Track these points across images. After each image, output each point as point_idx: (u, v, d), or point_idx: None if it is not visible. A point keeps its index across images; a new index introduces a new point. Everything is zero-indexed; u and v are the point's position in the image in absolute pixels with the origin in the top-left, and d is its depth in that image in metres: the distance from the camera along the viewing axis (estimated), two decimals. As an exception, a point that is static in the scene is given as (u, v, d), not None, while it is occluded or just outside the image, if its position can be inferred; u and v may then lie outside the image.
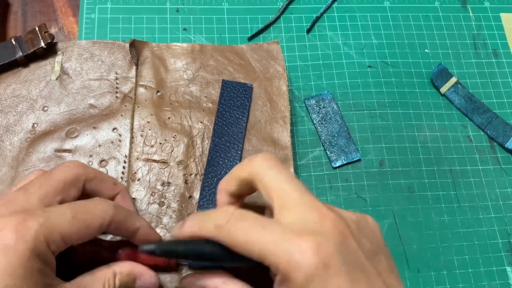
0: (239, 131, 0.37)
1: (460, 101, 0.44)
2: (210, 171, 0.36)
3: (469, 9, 0.48)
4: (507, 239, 0.39)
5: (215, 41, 0.44)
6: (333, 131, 0.41)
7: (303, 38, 0.45)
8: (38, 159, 0.36)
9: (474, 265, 0.38)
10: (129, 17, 0.44)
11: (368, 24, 0.46)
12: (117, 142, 0.37)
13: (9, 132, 0.37)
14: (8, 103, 0.38)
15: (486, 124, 0.43)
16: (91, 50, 0.40)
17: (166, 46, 0.41)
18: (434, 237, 0.39)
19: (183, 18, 0.45)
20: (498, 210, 0.40)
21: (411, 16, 0.47)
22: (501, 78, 0.46)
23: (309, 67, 0.44)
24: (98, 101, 0.38)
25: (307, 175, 0.40)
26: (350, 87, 0.43)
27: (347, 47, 0.45)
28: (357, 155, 0.41)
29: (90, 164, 0.36)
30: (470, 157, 0.42)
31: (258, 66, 0.40)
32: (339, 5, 0.47)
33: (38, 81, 0.38)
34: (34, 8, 0.44)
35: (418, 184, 0.40)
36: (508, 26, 0.48)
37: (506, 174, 0.42)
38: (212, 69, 0.40)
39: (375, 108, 0.43)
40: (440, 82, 0.44)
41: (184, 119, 0.38)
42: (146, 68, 0.39)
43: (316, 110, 0.42)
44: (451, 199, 0.40)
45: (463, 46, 0.47)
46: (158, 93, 0.39)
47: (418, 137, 0.42)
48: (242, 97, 0.38)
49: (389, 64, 0.45)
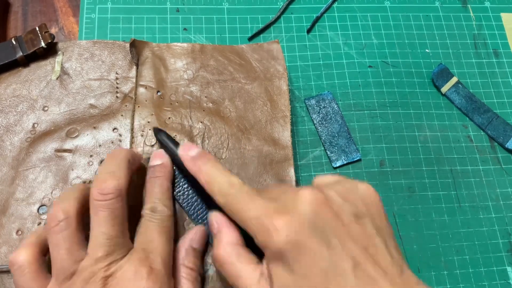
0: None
1: (461, 101, 0.44)
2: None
3: (470, 9, 0.48)
4: (507, 239, 0.39)
5: (215, 41, 0.44)
6: (333, 131, 0.41)
7: (304, 38, 0.45)
8: (39, 159, 0.36)
9: (475, 265, 0.38)
10: (129, 17, 0.44)
11: (369, 24, 0.46)
12: (118, 142, 0.37)
13: (9, 132, 0.37)
14: (9, 103, 0.38)
15: (487, 124, 0.43)
16: (91, 50, 0.40)
17: (166, 46, 0.41)
18: (434, 237, 0.39)
19: (184, 18, 0.45)
20: (499, 210, 0.40)
21: (411, 16, 0.47)
22: (502, 78, 0.46)
23: (309, 67, 0.44)
24: (98, 101, 0.38)
25: (308, 175, 0.40)
26: (350, 87, 0.43)
27: (347, 47, 0.45)
28: (357, 155, 0.40)
29: (90, 164, 0.36)
30: (471, 157, 0.42)
31: (259, 66, 0.40)
32: (340, 5, 0.47)
33: (39, 81, 0.38)
34: (35, 8, 0.44)
35: (418, 184, 0.40)
36: (509, 26, 0.48)
37: (506, 174, 0.42)
38: (213, 69, 0.40)
39: (376, 108, 0.43)
40: (440, 82, 0.44)
41: (185, 119, 0.38)
42: (147, 68, 0.39)
43: (316, 110, 0.42)
44: (452, 199, 0.40)
45: (464, 46, 0.47)
46: (158, 93, 0.39)
47: (419, 137, 0.42)
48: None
49: (389, 64, 0.45)
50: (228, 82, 0.40)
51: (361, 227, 0.26)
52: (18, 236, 0.33)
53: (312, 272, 0.24)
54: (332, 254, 0.24)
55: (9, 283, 0.32)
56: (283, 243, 0.25)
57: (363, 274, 0.24)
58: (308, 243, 0.25)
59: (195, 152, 0.32)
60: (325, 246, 0.25)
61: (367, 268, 0.24)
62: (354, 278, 0.24)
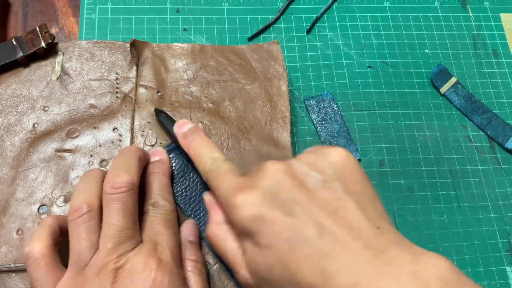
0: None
1: (460, 101, 0.44)
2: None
3: (469, 9, 0.49)
4: (506, 239, 0.39)
5: (215, 42, 0.44)
6: (333, 131, 0.41)
7: (303, 38, 0.45)
8: (39, 159, 0.36)
9: (474, 265, 0.38)
10: (129, 17, 0.44)
11: (368, 25, 0.47)
12: (118, 142, 0.37)
13: (9, 132, 0.37)
14: (9, 103, 0.38)
15: (486, 124, 0.43)
16: (91, 50, 0.40)
17: (166, 46, 0.41)
18: (434, 237, 0.39)
19: (184, 18, 0.45)
20: (498, 210, 0.40)
21: (411, 17, 0.47)
22: (501, 78, 0.46)
23: (309, 67, 0.44)
24: (98, 101, 0.38)
25: (307, 175, 0.40)
26: (350, 87, 0.44)
27: (347, 48, 0.45)
28: (357, 155, 0.41)
29: (90, 164, 0.36)
30: (470, 157, 0.42)
31: (258, 66, 0.41)
32: (339, 6, 0.47)
33: (39, 81, 0.39)
34: (35, 8, 0.44)
35: (418, 184, 0.41)
36: (508, 26, 0.48)
37: (505, 174, 0.42)
38: (213, 70, 0.40)
39: (375, 108, 0.43)
40: (440, 82, 0.44)
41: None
42: (147, 68, 0.40)
43: (316, 111, 0.42)
44: (451, 199, 0.40)
45: (463, 46, 0.47)
46: (158, 93, 0.39)
47: (418, 137, 0.42)
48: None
49: (389, 64, 0.45)
50: (228, 82, 0.40)
51: (329, 191, 0.25)
52: (18, 235, 0.33)
53: (277, 242, 0.24)
54: (295, 222, 0.24)
55: (9, 283, 0.32)
56: (246, 219, 0.25)
57: (330, 238, 0.23)
58: (269, 215, 0.25)
59: (187, 128, 0.33)
60: (287, 216, 0.25)
61: (335, 231, 0.24)
62: (320, 243, 0.23)
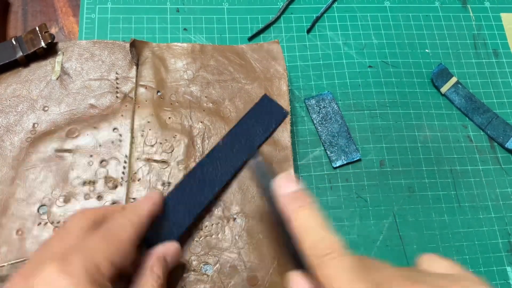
0: (251, 144, 0.37)
1: (461, 101, 0.44)
2: (204, 163, 0.36)
3: (469, 9, 0.48)
4: (507, 239, 0.39)
5: (215, 41, 0.44)
6: (333, 131, 0.41)
7: (304, 38, 0.45)
8: (39, 159, 0.36)
9: (474, 265, 0.38)
10: (129, 17, 0.44)
11: (369, 24, 0.46)
12: (118, 142, 0.37)
13: (9, 132, 0.37)
14: (9, 103, 0.38)
15: (486, 124, 0.43)
16: (91, 50, 0.40)
17: (166, 46, 0.41)
18: (434, 237, 0.39)
19: (184, 18, 0.45)
20: (498, 210, 0.40)
21: (411, 16, 0.47)
22: (501, 78, 0.46)
23: (309, 67, 0.44)
24: (98, 101, 0.38)
25: (308, 175, 0.40)
26: (350, 87, 0.43)
27: (347, 47, 0.45)
28: (357, 155, 0.41)
29: (90, 164, 0.36)
30: (471, 157, 0.42)
31: (259, 66, 0.40)
32: (339, 5, 0.47)
33: (39, 81, 0.38)
34: (35, 8, 0.44)
35: (418, 184, 0.40)
36: (508, 26, 0.48)
37: (506, 174, 0.42)
38: (213, 69, 0.40)
39: (376, 108, 0.43)
40: (440, 82, 0.44)
41: (185, 119, 0.38)
42: (147, 68, 0.39)
43: (316, 110, 0.42)
44: (451, 199, 0.40)
45: (464, 46, 0.47)
46: (158, 93, 0.39)
47: (419, 137, 0.42)
48: (272, 117, 0.38)
49: (389, 64, 0.45)
50: (228, 82, 0.40)
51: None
52: (18, 236, 0.33)
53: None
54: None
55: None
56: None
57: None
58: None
59: (294, 189, 0.27)
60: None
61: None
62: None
